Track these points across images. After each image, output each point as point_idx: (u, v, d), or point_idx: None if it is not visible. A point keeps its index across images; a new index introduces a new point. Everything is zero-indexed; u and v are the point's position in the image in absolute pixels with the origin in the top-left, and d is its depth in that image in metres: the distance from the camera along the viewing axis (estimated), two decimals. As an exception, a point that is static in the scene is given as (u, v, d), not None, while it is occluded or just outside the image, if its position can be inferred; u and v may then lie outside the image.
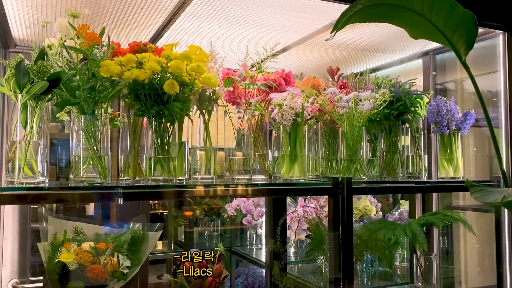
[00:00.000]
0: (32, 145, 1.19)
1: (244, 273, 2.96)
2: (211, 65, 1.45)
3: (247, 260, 2.78)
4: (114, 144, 1.61)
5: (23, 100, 1.17)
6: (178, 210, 3.24)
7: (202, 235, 3.09)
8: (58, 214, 3.08)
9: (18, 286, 1.93)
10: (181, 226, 3.26)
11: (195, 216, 3.29)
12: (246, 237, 3.01)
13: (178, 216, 3.19)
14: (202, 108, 1.51)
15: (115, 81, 1.29)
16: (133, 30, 1.78)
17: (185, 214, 3.45)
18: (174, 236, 3.23)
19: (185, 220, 3.35)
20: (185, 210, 3.34)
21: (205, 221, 3.08)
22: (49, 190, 1.07)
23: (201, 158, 1.51)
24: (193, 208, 3.21)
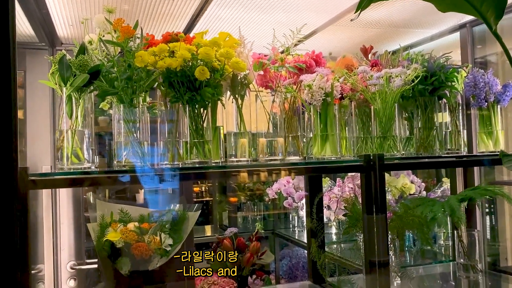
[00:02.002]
0: (78, 134, 1.29)
1: (288, 255, 3.02)
2: (241, 50, 1.50)
3: (290, 242, 2.84)
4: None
5: (67, 93, 1.27)
6: (222, 196, 3.34)
7: (246, 219, 3.18)
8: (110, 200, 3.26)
9: (75, 267, 2.09)
10: (226, 211, 3.36)
11: (239, 201, 3.39)
12: (289, 219, 3.06)
13: (222, 201, 3.29)
14: (234, 93, 1.56)
15: (150, 70, 1.37)
16: (167, 22, 1.85)
17: (229, 200, 3.56)
18: (219, 221, 3.33)
19: (230, 206, 3.45)
20: (229, 196, 3.44)
21: (248, 206, 3.16)
22: (93, 174, 1.16)
23: (236, 142, 1.57)
24: (237, 193, 3.30)
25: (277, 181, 2.75)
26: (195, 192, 4.87)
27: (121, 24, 1.36)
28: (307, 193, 1.87)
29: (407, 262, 2.04)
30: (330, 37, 1.99)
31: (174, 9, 1.74)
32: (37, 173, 1.14)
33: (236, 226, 3.11)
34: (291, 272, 2.83)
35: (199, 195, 5.03)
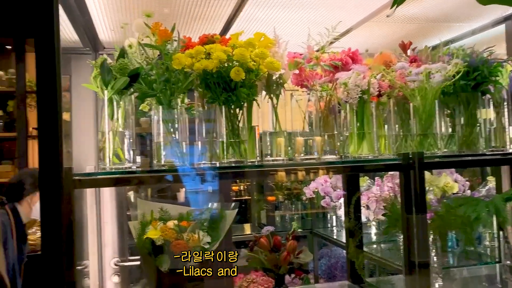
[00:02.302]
0: (119, 135, 1.34)
1: (326, 255, 3.00)
2: (276, 50, 1.51)
3: (328, 241, 2.82)
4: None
5: (108, 95, 1.32)
6: (260, 195, 3.36)
7: (284, 218, 3.18)
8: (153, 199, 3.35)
9: (119, 264, 2.17)
10: (264, 210, 3.38)
11: (277, 200, 3.39)
12: (327, 219, 3.04)
13: (260, 200, 3.31)
14: (270, 93, 1.57)
15: (187, 72, 1.40)
16: (204, 24, 1.89)
17: (267, 199, 3.57)
18: (257, 220, 3.36)
19: (268, 204, 3.47)
20: (267, 195, 3.45)
21: (286, 205, 3.17)
22: (132, 174, 1.20)
23: (271, 141, 1.57)
24: (274, 192, 3.31)
25: (315, 180, 2.74)
26: (234, 191, 4.92)
27: (159, 28, 1.40)
28: (345, 192, 1.85)
29: (450, 263, 1.98)
30: (367, 34, 1.96)
31: (210, 11, 1.77)
32: (81, 173, 1.19)
33: (274, 225, 3.13)
34: (330, 272, 2.81)
35: (238, 194, 5.08)
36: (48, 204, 1.12)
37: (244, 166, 1.38)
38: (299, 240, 3.41)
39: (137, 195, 3.05)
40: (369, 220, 2.38)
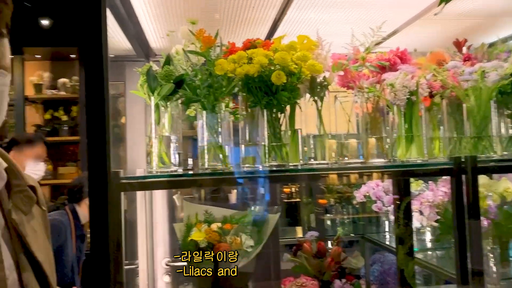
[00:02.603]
0: (165, 140, 1.38)
1: (379, 260, 2.91)
2: (319, 52, 1.49)
3: (380, 247, 2.73)
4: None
5: (155, 101, 1.37)
6: (309, 198, 3.33)
7: (334, 222, 3.13)
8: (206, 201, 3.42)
9: (170, 264, 2.23)
10: (314, 213, 3.34)
11: (328, 203, 3.34)
12: (380, 224, 2.95)
13: (310, 203, 3.27)
14: (314, 95, 1.55)
15: (230, 77, 1.42)
16: (250, 28, 1.90)
17: (318, 202, 3.53)
18: (307, 223, 3.32)
19: (319, 208, 3.43)
20: (317, 198, 3.41)
21: (336, 208, 3.11)
22: (174, 177, 1.23)
23: (315, 144, 1.55)
24: (325, 196, 3.27)
25: (366, 184, 2.67)
26: (286, 193, 4.90)
27: (203, 35, 1.43)
28: (394, 196, 1.79)
29: (511, 274, 1.86)
30: (417, 32, 1.88)
31: (255, 15, 1.78)
32: (127, 176, 1.24)
33: (323, 228, 3.08)
34: (382, 278, 2.72)
35: (289, 196, 5.06)
36: (96, 206, 1.18)
37: (287, 170, 1.38)
38: (352, 245, 3.34)
39: (180, 196, 3.13)
40: (423, 226, 2.29)
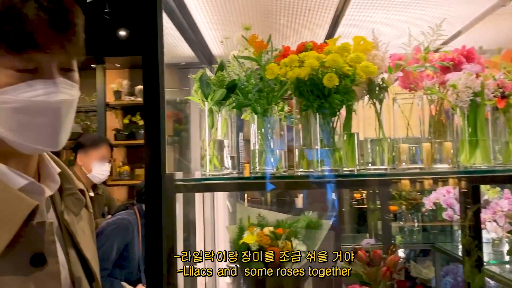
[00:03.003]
0: (218, 144, 1.41)
1: (452, 272, 2.74)
2: (375, 53, 1.44)
3: (451, 258, 2.57)
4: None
5: (208, 106, 1.41)
6: (376, 204, 3.21)
7: (402, 230, 2.99)
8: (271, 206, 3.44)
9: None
10: (383, 220, 3.22)
11: (397, 210, 3.21)
12: (452, 233, 2.77)
13: (376, 210, 3.16)
14: (372, 97, 1.50)
15: (282, 81, 1.42)
16: (307, 32, 1.89)
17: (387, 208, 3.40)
18: (374, 230, 3.21)
19: (389, 214, 3.30)
20: (385, 204, 3.28)
21: (404, 216, 2.98)
22: (224, 180, 1.26)
23: (373, 149, 1.50)
24: (393, 202, 3.14)
25: (436, 190, 2.53)
26: (356, 198, 4.78)
27: (255, 40, 1.44)
28: (461, 204, 1.68)
29: None
30: (486, 29, 1.75)
31: (312, 19, 1.77)
32: (181, 178, 1.29)
33: (390, 235, 2.95)
34: (454, 291, 2.56)
35: (359, 202, 4.92)
36: (151, 207, 1.24)
37: (338, 175, 1.35)
38: (426, 255, 3.17)
39: (229, 199, 3.17)
40: (499, 237, 2.12)
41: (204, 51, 2.11)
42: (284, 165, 1.54)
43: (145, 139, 1.26)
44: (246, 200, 3.22)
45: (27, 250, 0.71)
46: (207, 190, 1.57)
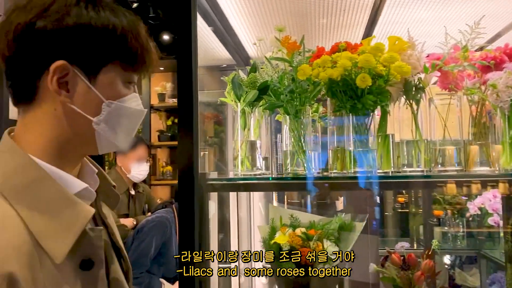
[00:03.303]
0: (250, 144, 1.43)
1: (499, 280, 2.62)
2: (410, 53, 1.41)
3: (498, 265, 2.45)
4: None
5: (241, 107, 1.43)
6: (419, 208, 3.12)
7: (446, 235, 2.88)
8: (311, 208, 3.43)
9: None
10: (426, 225, 3.12)
11: (440, 215, 3.11)
12: (499, 239, 2.65)
13: (418, 214, 3.07)
14: (408, 98, 1.47)
15: (315, 82, 1.42)
16: (343, 33, 1.88)
17: (431, 213, 3.29)
18: (416, 234, 3.12)
19: (433, 219, 3.20)
20: (427, 208, 3.18)
21: (448, 221, 2.87)
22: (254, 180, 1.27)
23: (409, 150, 1.47)
24: (436, 206, 3.04)
25: (481, 195, 2.42)
26: (400, 202, 4.67)
27: (288, 41, 1.45)
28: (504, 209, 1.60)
29: None
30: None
31: (348, 19, 1.75)
32: (213, 178, 1.32)
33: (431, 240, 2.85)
34: (502, 301, 2.44)
35: (403, 206, 4.79)
36: (184, 206, 1.27)
37: (374, 177, 1.33)
38: (472, 262, 3.04)
39: (294, 202, 3.16)
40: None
41: (241, 53, 2.14)
42: (318, 167, 1.54)
43: (179, 140, 1.30)
44: (286, 202, 3.23)
45: (78, 255, 0.74)
46: (237, 190, 1.60)
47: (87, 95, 0.75)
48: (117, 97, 0.78)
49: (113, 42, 0.76)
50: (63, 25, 0.72)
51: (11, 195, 0.69)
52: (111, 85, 0.77)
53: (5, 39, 0.73)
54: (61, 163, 0.76)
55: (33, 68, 0.74)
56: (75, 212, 0.72)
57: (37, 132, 0.75)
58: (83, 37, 0.73)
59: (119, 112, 0.78)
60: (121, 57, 0.77)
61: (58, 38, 0.72)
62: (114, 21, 0.76)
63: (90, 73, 0.75)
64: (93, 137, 0.78)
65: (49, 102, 0.75)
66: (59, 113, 0.75)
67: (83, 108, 0.75)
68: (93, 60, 0.75)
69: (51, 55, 0.72)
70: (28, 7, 0.73)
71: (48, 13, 0.72)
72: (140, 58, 0.79)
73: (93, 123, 0.76)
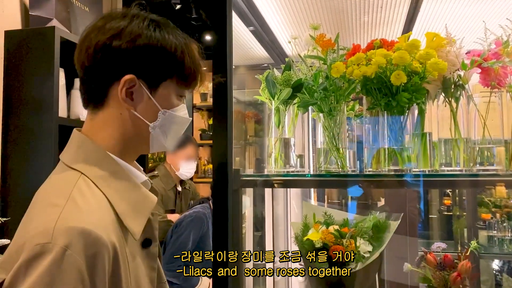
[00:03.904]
0: (283, 142, 1.45)
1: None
2: (449, 49, 1.38)
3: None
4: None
5: (275, 105, 1.45)
6: (462, 210, 3.01)
7: (492, 239, 2.77)
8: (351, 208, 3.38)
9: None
10: (467, 228, 3.01)
11: (488, 218, 2.99)
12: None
13: (462, 216, 2.97)
14: (447, 96, 1.44)
15: (350, 80, 1.41)
16: (380, 29, 1.85)
17: (482, 216, 3.17)
18: (460, 238, 3.01)
19: (480, 222, 3.08)
20: (472, 211, 3.07)
21: (495, 224, 2.75)
22: (291, 176, 1.29)
23: (447, 149, 1.44)
24: (481, 209, 2.93)
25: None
26: (446, 205, 4.53)
27: (323, 39, 1.46)
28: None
29: None
30: None
31: (385, 15, 1.73)
32: (246, 174, 1.35)
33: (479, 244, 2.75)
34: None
35: (449, 209, 4.64)
36: (218, 201, 1.31)
37: (410, 175, 1.31)
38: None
39: (334, 203, 3.13)
40: None
41: (278, 51, 2.16)
42: (353, 165, 1.53)
43: (214, 137, 1.34)
44: (326, 201, 3.21)
45: (142, 235, 0.88)
46: (270, 187, 1.62)
47: (147, 104, 0.89)
48: (171, 107, 0.92)
49: (173, 62, 0.89)
50: (135, 45, 0.86)
51: (99, 182, 0.83)
52: (167, 97, 0.91)
53: (85, 52, 0.87)
54: (125, 158, 0.91)
55: (107, 78, 0.87)
56: (144, 199, 0.89)
57: (107, 132, 0.89)
58: (150, 56, 0.87)
59: (171, 120, 0.92)
60: (178, 74, 0.91)
61: (130, 55, 0.86)
62: (175, 43, 0.89)
63: (152, 86, 0.89)
64: (148, 138, 0.91)
65: (116, 107, 0.89)
66: (125, 117, 0.89)
67: (143, 115, 0.89)
68: (156, 76, 0.89)
69: (123, 69, 0.86)
70: (106, 28, 0.87)
71: (124, 34, 0.86)
72: (193, 76, 0.93)
73: (149, 127, 0.90)
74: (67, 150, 0.90)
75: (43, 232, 0.73)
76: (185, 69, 0.91)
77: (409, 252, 2.01)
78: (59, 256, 0.70)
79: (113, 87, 0.88)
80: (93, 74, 0.88)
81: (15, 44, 2.14)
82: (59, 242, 0.72)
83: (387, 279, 2.26)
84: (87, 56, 0.87)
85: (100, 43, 0.86)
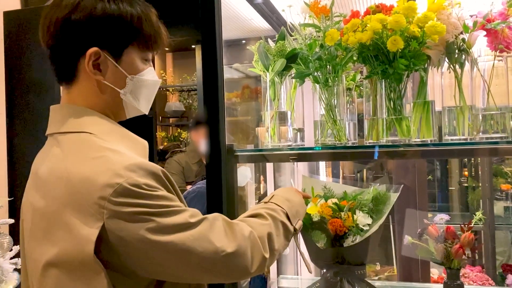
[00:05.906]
0: (279, 115, 1.41)
1: None
2: (450, 11, 1.30)
3: None
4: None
5: (270, 78, 1.41)
6: (476, 181, 2.94)
7: (508, 209, 2.69)
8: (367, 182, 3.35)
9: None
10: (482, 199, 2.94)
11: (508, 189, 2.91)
12: None
13: (477, 188, 2.89)
14: (451, 62, 1.37)
15: (348, 48, 1.35)
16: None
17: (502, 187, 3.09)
18: (475, 209, 2.95)
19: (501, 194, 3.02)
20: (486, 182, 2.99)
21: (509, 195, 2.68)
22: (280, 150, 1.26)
23: (450, 118, 1.38)
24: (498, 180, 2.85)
25: None
26: (466, 176, 4.45)
27: (317, 6, 1.39)
28: None
29: None
30: None
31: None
32: (240, 149, 1.32)
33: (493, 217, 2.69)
34: None
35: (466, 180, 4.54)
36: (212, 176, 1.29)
37: (401, 145, 1.26)
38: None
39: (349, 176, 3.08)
40: None
41: (279, 22, 2.10)
42: (353, 137, 1.48)
43: (205, 113, 1.31)
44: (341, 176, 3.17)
45: None
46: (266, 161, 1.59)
47: (115, 72, 0.94)
48: (137, 72, 0.96)
49: (131, 29, 0.93)
50: (92, 17, 0.89)
51: (107, 138, 0.89)
52: (132, 63, 0.95)
53: (47, 31, 0.91)
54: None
55: (73, 54, 0.91)
56: (142, 145, 0.96)
57: (86, 103, 0.94)
58: (108, 25, 0.90)
59: (140, 84, 0.97)
60: (138, 40, 0.94)
61: (89, 27, 0.89)
62: (131, 11, 0.92)
63: (116, 55, 0.93)
64: (122, 104, 0.97)
65: (88, 80, 0.93)
66: (98, 88, 0.94)
67: (113, 83, 0.94)
68: (117, 44, 0.93)
69: (85, 43, 0.90)
70: (63, 4, 0.90)
71: (80, 8, 0.89)
72: (154, 40, 0.97)
73: (120, 94, 0.95)
74: (61, 121, 0.92)
75: (112, 175, 0.79)
76: (144, 35, 0.94)
77: (418, 225, 1.97)
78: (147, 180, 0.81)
79: (80, 62, 0.92)
80: (60, 52, 0.92)
81: (15, 25, 2.14)
82: (132, 175, 0.79)
83: (398, 253, 2.23)
84: (50, 34, 0.91)
85: (59, 19, 0.89)
